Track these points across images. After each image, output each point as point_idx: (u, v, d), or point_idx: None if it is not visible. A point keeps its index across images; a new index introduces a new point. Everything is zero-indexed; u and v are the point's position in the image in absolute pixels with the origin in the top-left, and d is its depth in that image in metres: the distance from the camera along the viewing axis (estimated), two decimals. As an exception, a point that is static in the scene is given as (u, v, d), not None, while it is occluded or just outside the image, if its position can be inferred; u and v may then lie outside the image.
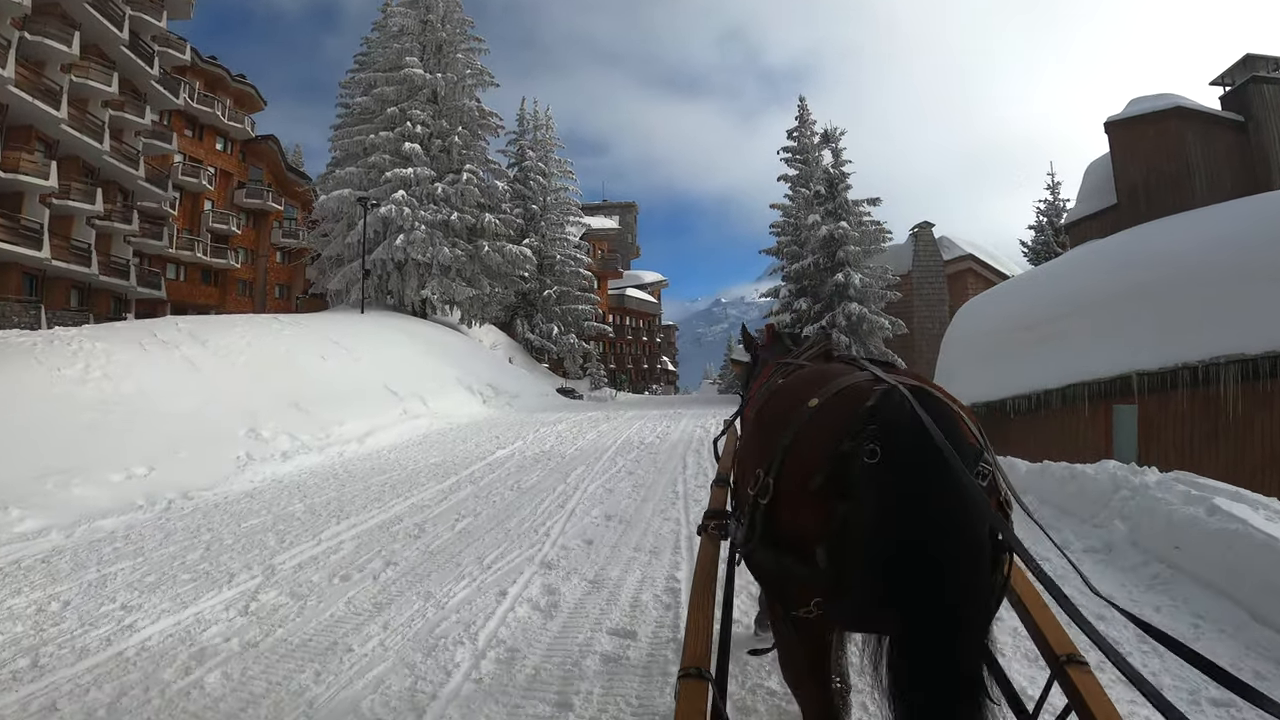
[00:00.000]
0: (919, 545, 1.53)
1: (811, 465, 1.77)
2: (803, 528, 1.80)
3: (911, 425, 1.63)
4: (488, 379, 22.00)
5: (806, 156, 30.53)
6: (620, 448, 12.29)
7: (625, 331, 66.99)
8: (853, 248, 25.39)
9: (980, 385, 14.55)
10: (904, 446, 1.61)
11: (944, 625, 1.52)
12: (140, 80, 37.90)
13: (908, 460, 1.60)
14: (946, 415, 1.71)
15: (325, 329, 19.48)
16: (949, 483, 1.56)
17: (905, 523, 1.55)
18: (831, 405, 1.86)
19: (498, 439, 13.90)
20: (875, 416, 1.69)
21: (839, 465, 1.69)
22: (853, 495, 1.66)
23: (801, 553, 1.79)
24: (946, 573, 1.53)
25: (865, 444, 1.64)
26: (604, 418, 17.72)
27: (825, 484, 1.72)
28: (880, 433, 1.64)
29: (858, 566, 1.62)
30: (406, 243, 28.42)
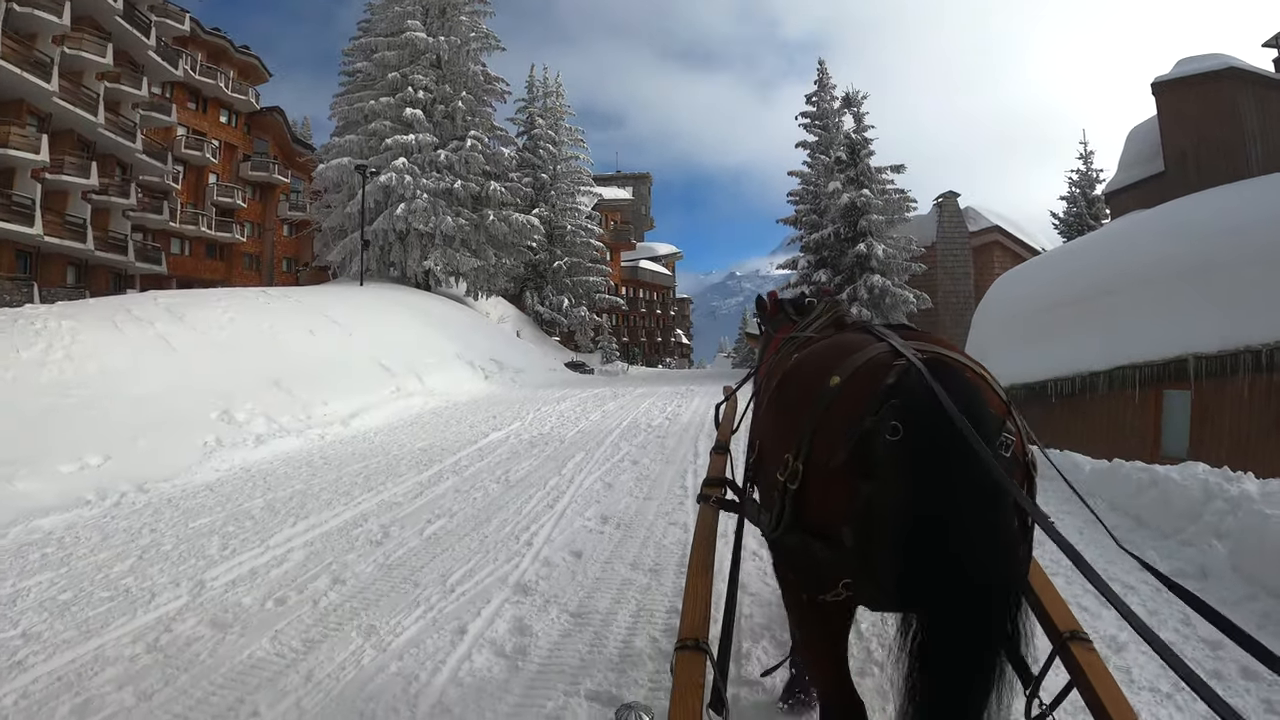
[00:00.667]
0: (941, 522, 1.51)
1: (836, 445, 1.73)
2: (830, 509, 1.76)
3: (932, 399, 1.59)
4: (491, 353, 20.98)
5: (826, 122, 28.95)
6: (625, 431, 11.24)
7: (639, 304, 65.68)
8: (875, 217, 23.98)
9: (1019, 365, 13.34)
10: (924, 422, 1.58)
11: (968, 603, 1.51)
12: (137, 51, 37.00)
13: (928, 436, 1.57)
14: (967, 385, 1.69)
15: (318, 302, 18.49)
16: (970, 457, 1.51)
17: (927, 499, 1.53)
18: (853, 382, 1.82)
19: (494, 419, 12.88)
20: (896, 392, 1.67)
21: (862, 443, 1.66)
22: (876, 474, 1.62)
23: (829, 535, 1.76)
24: (969, 549, 1.52)
25: (887, 420, 1.62)
26: (611, 395, 16.68)
27: (849, 462, 1.68)
28: (901, 409, 1.62)
29: (882, 546, 1.59)
30: (408, 212, 27.28)
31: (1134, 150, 20.88)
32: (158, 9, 39.70)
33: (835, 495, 1.74)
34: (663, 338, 69.73)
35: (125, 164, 37.47)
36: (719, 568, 2.28)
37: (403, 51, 30.16)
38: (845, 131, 25.68)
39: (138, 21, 36.26)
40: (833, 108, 28.89)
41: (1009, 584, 1.62)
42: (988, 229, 29.21)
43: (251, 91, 53.84)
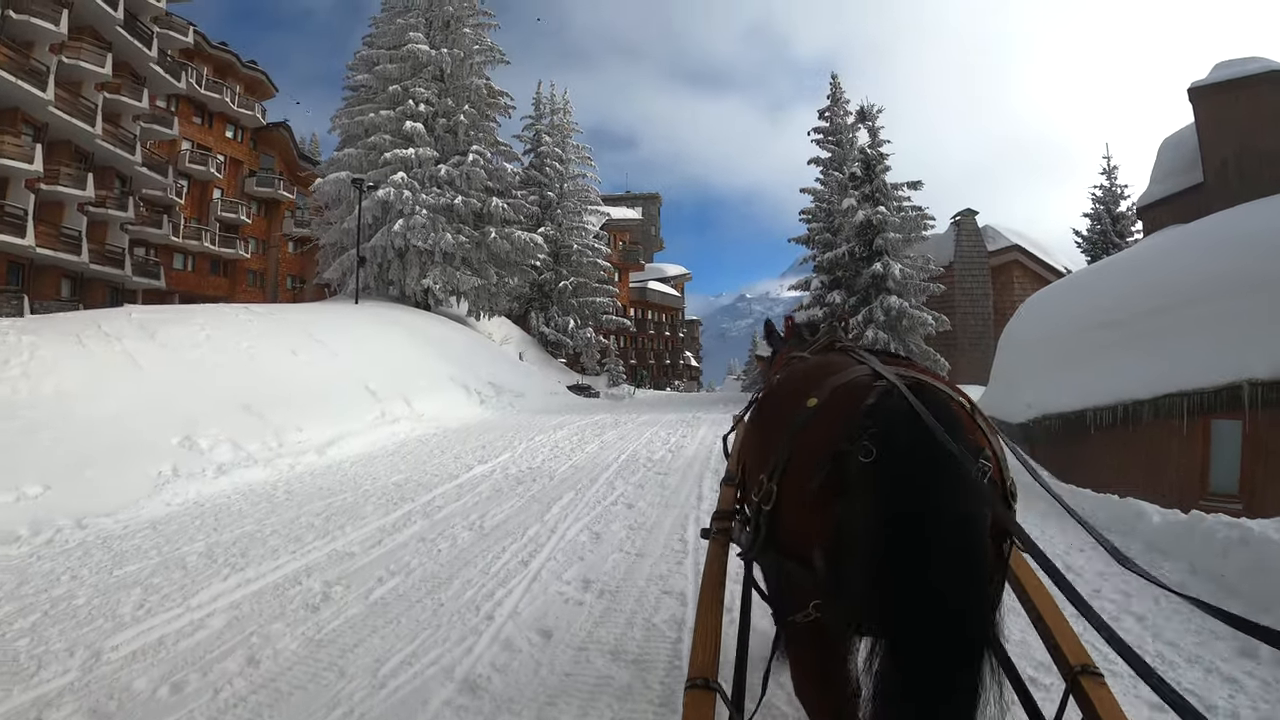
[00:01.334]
0: (912, 545, 1.49)
1: (811, 467, 1.74)
2: (803, 531, 1.78)
3: (908, 423, 1.60)
4: (488, 376, 19.98)
5: (839, 138, 27.96)
6: (623, 466, 10.16)
7: (647, 325, 64.52)
8: (892, 235, 22.91)
9: (1052, 393, 12.26)
10: (899, 446, 1.58)
11: (938, 627, 1.47)
12: (139, 63, 36.55)
13: (903, 459, 1.57)
14: (946, 410, 1.68)
15: (306, 321, 17.56)
16: (945, 481, 1.53)
17: (898, 522, 1.51)
18: (830, 405, 1.83)
19: (482, 450, 11.86)
20: (873, 415, 1.67)
21: (836, 466, 1.67)
22: (848, 496, 1.63)
23: (801, 556, 1.78)
24: (940, 573, 1.47)
25: (860, 442, 1.61)
26: (612, 423, 15.63)
27: (823, 485, 1.69)
28: (877, 432, 1.61)
29: (853, 567, 1.58)
30: (406, 228, 26.37)
31: (1168, 161, 19.77)
32: (161, 20, 39.25)
33: (808, 517, 1.76)
34: (671, 360, 68.54)
35: (125, 176, 36.92)
36: None
37: (404, 64, 29.46)
38: (860, 146, 24.65)
39: (139, 32, 35.79)
40: (846, 123, 27.95)
41: (981, 609, 1.55)
42: (1007, 248, 28.18)
43: (258, 107, 53.59)
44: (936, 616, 1.46)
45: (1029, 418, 12.45)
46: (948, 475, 1.52)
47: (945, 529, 1.50)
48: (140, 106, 36.38)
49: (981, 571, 1.53)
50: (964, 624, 1.48)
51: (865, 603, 1.55)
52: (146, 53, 36.04)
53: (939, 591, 1.46)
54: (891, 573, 1.49)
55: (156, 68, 37.50)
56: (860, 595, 1.55)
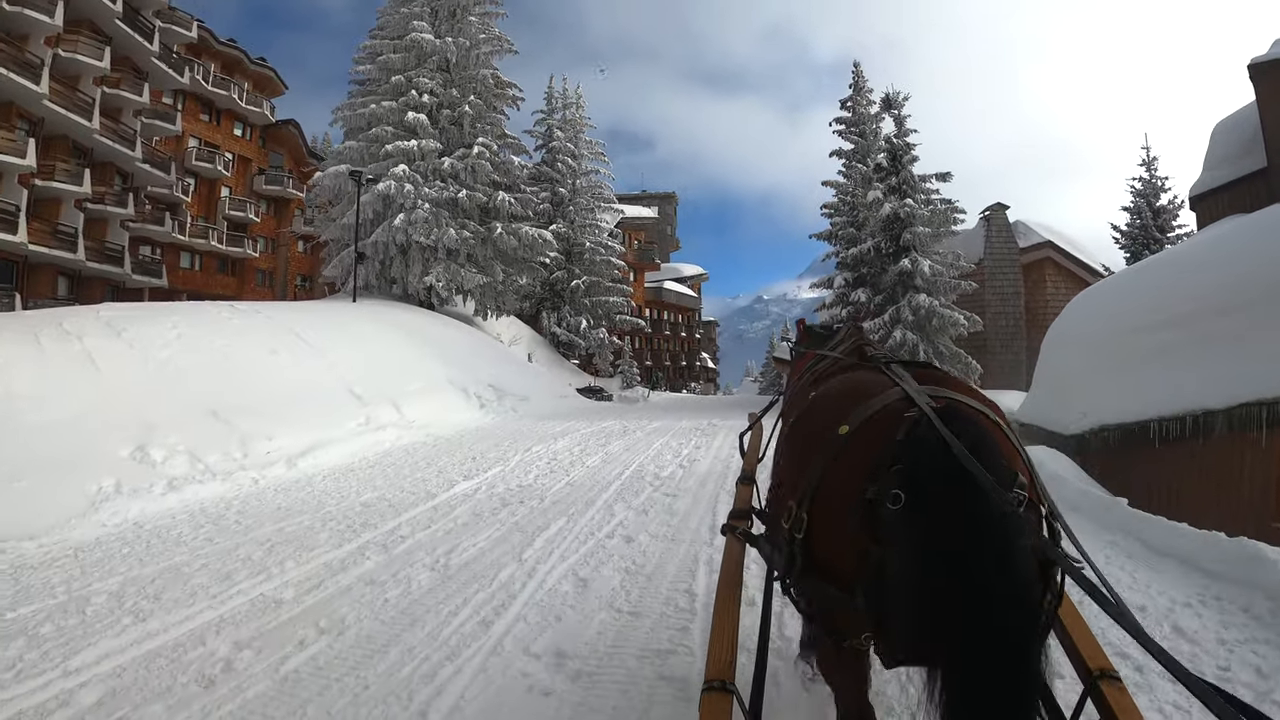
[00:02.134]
0: (954, 586, 1.45)
1: (841, 507, 1.75)
2: (840, 566, 1.76)
3: (936, 460, 1.58)
4: (490, 379, 18.78)
5: (863, 129, 26.46)
6: (626, 485, 8.87)
7: (663, 326, 63.15)
8: (921, 229, 21.43)
9: (1112, 401, 10.88)
10: (927, 489, 1.56)
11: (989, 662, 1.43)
12: (140, 57, 36.12)
13: (931, 504, 1.54)
14: (979, 436, 1.64)
15: (293, 319, 16.45)
16: (979, 517, 1.50)
17: (935, 566, 1.49)
18: (860, 436, 1.82)
19: (472, 462, 10.67)
20: (900, 457, 1.64)
21: (867, 511, 1.66)
22: (883, 540, 1.61)
23: (845, 588, 1.74)
24: (984, 613, 1.44)
25: (889, 489, 1.60)
26: (621, 430, 14.39)
27: (856, 528, 1.68)
28: (904, 477, 1.60)
29: (895, 609, 1.57)
30: (407, 223, 25.18)
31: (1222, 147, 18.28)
32: (164, 15, 38.60)
33: (844, 553, 1.73)
34: (688, 361, 67.14)
35: (125, 173, 36.32)
36: None
37: (408, 54, 28.32)
38: (886, 135, 23.19)
39: (140, 26, 35.23)
40: (869, 113, 26.49)
41: (1029, 643, 1.49)
42: (1039, 245, 26.65)
43: (266, 104, 53.05)
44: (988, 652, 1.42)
45: (1084, 429, 11.07)
46: (980, 513, 1.49)
47: (988, 573, 1.45)
48: (141, 101, 35.71)
49: (1031, 603, 1.53)
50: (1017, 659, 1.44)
51: (913, 642, 1.55)
52: (148, 47, 35.55)
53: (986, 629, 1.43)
54: (938, 613, 1.46)
55: (158, 62, 36.91)
56: (907, 634, 1.55)
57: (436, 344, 19.28)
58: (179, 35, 40.44)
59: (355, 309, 21.34)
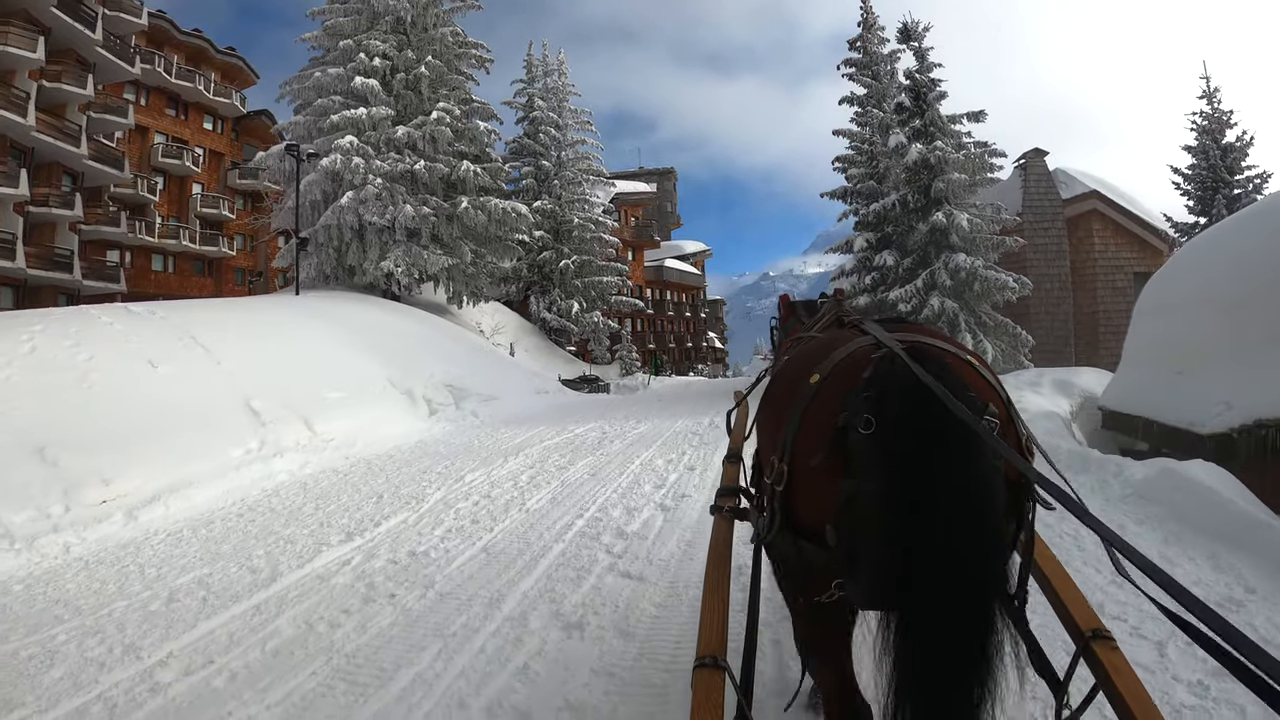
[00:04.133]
0: (923, 513, 1.46)
1: (815, 444, 1.74)
2: (814, 509, 1.77)
3: (905, 388, 1.59)
4: (448, 377, 15.70)
5: (876, 70, 22.84)
6: (570, 552, 5.67)
7: (665, 307, 59.62)
8: (956, 175, 18.13)
9: (1273, 387, 7.70)
10: (898, 412, 1.57)
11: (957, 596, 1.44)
12: (84, 48, 33.14)
13: (902, 426, 1.55)
14: (947, 369, 1.66)
15: (197, 321, 13.48)
16: (949, 442, 1.51)
17: (905, 490, 1.49)
18: (831, 379, 1.83)
19: (375, 504, 7.60)
20: (871, 385, 1.66)
21: (838, 440, 1.66)
22: (853, 469, 1.62)
23: (817, 535, 1.76)
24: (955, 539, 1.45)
25: (860, 414, 1.61)
26: (597, 439, 11.32)
27: (827, 461, 1.69)
28: (874, 401, 1.61)
29: (865, 542, 1.57)
30: (356, 201, 21.97)
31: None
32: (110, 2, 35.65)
33: (818, 494, 1.75)
34: (694, 342, 63.76)
35: (75, 172, 33.40)
36: None
37: (359, 17, 25.12)
38: (906, 70, 19.76)
39: (82, 15, 32.15)
40: (881, 52, 22.99)
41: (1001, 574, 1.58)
42: (1083, 195, 23.30)
43: (237, 95, 50.18)
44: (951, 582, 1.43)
45: (1229, 426, 7.81)
46: (951, 436, 1.50)
47: (953, 491, 1.48)
48: (85, 95, 32.72)
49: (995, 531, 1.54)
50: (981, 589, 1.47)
51: (881, 577, 1.54)
52: (90, 36, 32.47)
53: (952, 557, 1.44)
54: (904, 543, 1.46)
55: (104, 52, 33.82)
56: (875, 569, 1.55)
57: (382, 340, 16.19)
58: (128, 24, 37.35)
59: (292, 304, 18.31)
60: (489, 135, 26.35)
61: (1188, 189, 25.85)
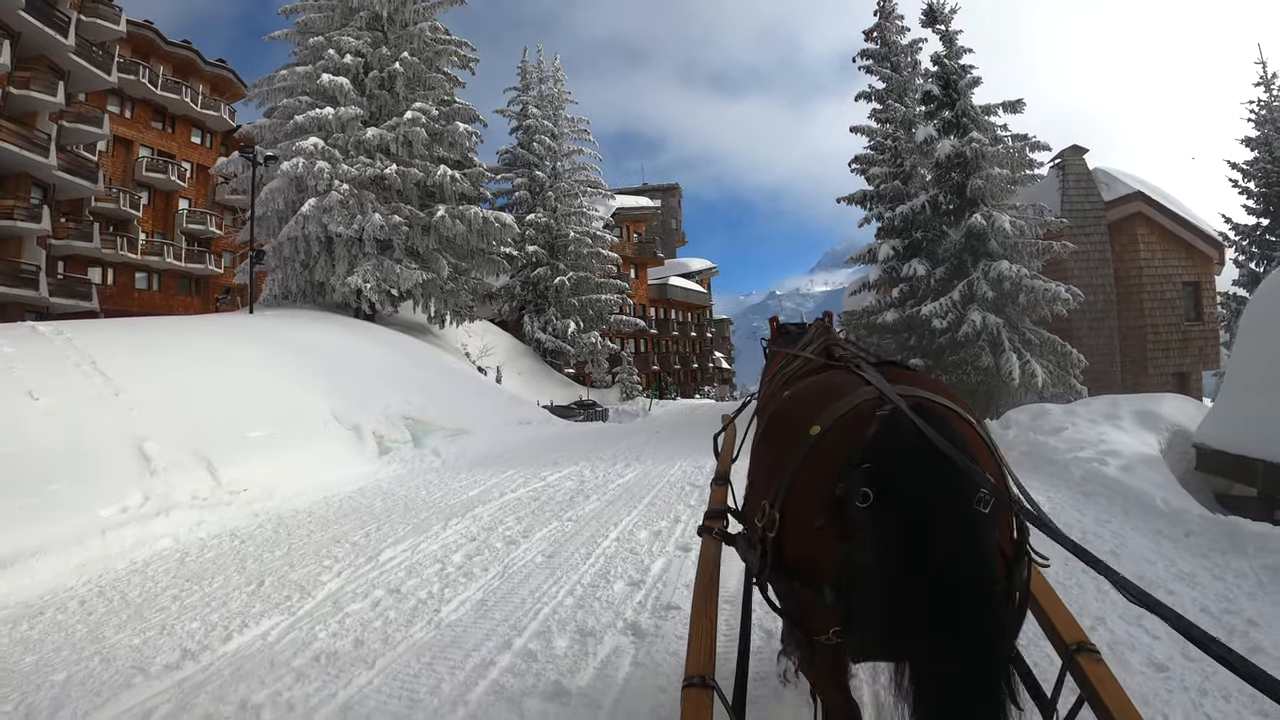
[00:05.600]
0: (919, 587, 1.49)
1: (811, 505, 1.75)
2: (809, 564, 1.77)
3: (903, 462, 1.60)
4: (408, 409, 13.48)
5: (896, 61, 20.78)
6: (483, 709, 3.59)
7: (670, 326, 57.14)
8: (997, 170, 15.96)
9: None
10: (894, 486, 1.57)
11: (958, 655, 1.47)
12: (56, 54, 31.48)
13: (898, 500, 1.56)
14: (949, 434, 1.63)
15: (107, 343, 11.42)
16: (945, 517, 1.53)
17: (902, 563, 1.51)
18: (831, 435, 1.82)
19: (246, 598, 5.39)
20: (869, 454, 1.65)
21: (836, 509, 1.67)
22: (852, 537, 1.62)
23: (812, 585, 1.75)
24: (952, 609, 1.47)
25: (857, 487, 1.60)
26: (571, 492, 9.01)
27: (825, 525, 1.70)
28: (871, 475, 1.60)
29: (863, 605, 1.58)
30: (318, 209, 19.87)
31: None
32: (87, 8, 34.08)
33: (813, 551, 1.75)
34: (699, 363, 61.33)
35: (45, 184, 31.72)
36: None
37: (332, 13, 23.16)
38: (934, 55, 17.56)
39: (54, 20, 30.52)
40: (901, 42, 20.89)
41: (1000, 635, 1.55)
42: (1127, 197, 21.01)
43: (226, 108, 48.56)
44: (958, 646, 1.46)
45: None
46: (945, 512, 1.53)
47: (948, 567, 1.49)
48: (55, 102, 30.90)
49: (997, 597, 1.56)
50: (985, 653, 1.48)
51: (879, 638, 1.56)
52: (62, 42, 30.82)
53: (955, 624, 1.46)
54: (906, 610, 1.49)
55: (77, 59, 32.12)
56: (876, 630, 1.56)
57: (333, 366, 13.97)
58: (105, 30, 35.59)
59: (236, 324, 16.17)
60: (471, 138, 24.24)
61: (1247, 186, 23.46)
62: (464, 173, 23.07)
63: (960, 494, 1.52)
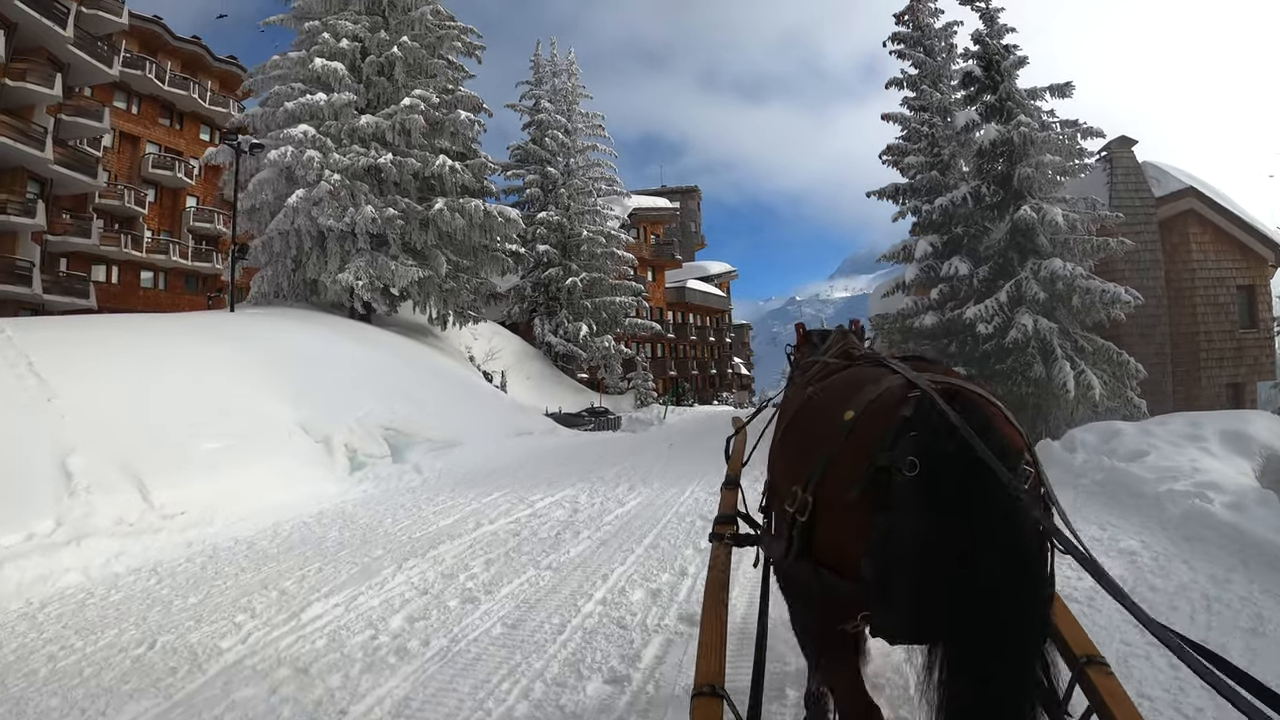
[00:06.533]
0: (964, 554, 1.46)
1: (851, 480, 1.70)
2: (845, 542, 1.73)
3: (948, 432, 1.57)
4: (390, 419, 12.14)
5: (930, 45, 19.31)
6: None
7: (688, 331, 55.58)
8: (1050, 157, 14.42)
9: None
10: (942, 455, 1.55)
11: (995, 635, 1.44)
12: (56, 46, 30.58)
13: (947, 469, 1.53)
14: (983, 415, 1.64)
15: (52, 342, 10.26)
16: (991, 489, 1.50)
17: (949, 533, 1.48)
18: (867, 417, 1.79)
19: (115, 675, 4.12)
20: (911, 425, 1.64)
21: (879, 478, 1.63)
22: (895, 508, 1.58)
23: (844, 568, 1.73)
24: (994, 582, 1.45)
25: (904, 456, 1.58)
26: (563, 524, 7.59)
27: (865, 497, 1.66)
28: (917, 443, 1.58)
29: (903, 579, 1.54)
30: (307, 201, 18.64)
31: None
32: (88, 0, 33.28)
33: (849, 529, 1.71)
34: (718, 369, 59.70)
35: (42, 179, 30.87)
36: None
37: (330, -1, 21.94)
38: (975, 33, 16.04)
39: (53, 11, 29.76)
40: (934, 25, 19.36)
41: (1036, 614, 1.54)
42: (1179, 193, 19.35)
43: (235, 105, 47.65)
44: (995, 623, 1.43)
45: None
46: (994, 484, 1.48)
47: (1002, 546, 1.46)
48: (52, 95, 30.14)
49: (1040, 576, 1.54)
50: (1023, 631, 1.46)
51: (919, 615, 1.52)
52: (60, 33, 30.12)
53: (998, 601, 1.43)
54: (946, 582, 1.45)
55: (76, 50, 31.29)
56: (913, 608, 1.53)
57: (309, 370, 12.64)
58: (107, 22, 34.72)
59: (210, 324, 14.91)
60: (473, 127, 22.93)
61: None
62: (466, 164, 21.73)
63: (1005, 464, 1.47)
